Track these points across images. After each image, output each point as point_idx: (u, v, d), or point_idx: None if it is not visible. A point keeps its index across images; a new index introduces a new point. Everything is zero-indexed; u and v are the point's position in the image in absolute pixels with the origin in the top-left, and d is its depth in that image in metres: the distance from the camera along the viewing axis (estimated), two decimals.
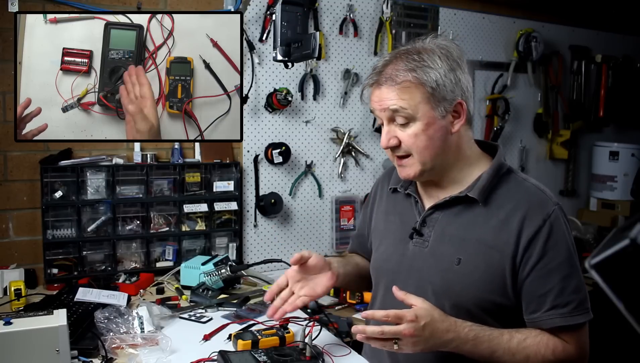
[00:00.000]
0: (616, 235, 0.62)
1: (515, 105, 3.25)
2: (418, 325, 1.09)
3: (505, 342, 1.15)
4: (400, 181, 1.37)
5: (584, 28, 3.50)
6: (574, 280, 1.16)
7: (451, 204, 1.26)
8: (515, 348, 1.15)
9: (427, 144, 1.21)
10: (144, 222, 2.24)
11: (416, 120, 1.20)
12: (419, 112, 1.19)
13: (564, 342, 1.17)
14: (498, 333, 1.16)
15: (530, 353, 1.15)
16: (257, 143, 2.52)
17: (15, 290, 1.81)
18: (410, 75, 1.19)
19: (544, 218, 1.17)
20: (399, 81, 1.20)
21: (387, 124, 1.24)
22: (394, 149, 1.24)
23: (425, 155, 1.22)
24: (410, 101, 1.19)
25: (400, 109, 1.19)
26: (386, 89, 1.21)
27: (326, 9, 2.63)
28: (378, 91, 1.23)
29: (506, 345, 1.15)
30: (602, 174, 3.51)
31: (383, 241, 1.39)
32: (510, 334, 1.16)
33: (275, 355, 1.33)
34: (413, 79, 1.19)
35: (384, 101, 1.21)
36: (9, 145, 2.06)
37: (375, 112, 1.26)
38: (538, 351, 1.15)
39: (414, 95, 1.19)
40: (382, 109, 1.22)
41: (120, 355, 1.44)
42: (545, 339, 1.16)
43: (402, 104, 1.19)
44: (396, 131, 1.23)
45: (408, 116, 1.20)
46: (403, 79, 1.19)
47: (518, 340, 1.16)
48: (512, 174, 1.27)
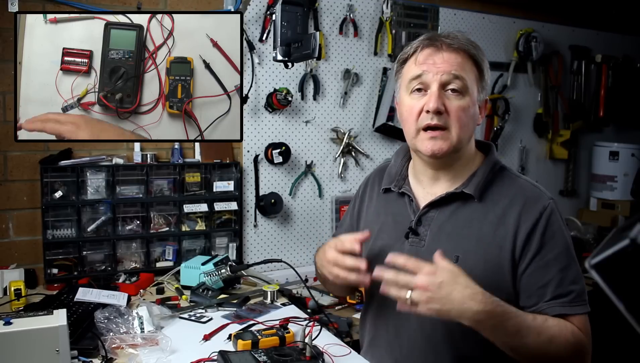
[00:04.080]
0: (616, 235, 0.62)
1: (515, 105, 3.26)
2: (435, 280, 1.04)
3: (530, 321, 1.11)
4: (393, 181, 1.36)
5: (584, 28, 3.51)
6: (572, 271, 1.17)
7: (447, 202, 1.25)
8: (540, 327, 1.11)
9: (467, 123, 1.21)
10: (144, 222, 2.24)
11: (468, 94, 1.20)
12: (472, 88, 1.20)
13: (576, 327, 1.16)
14: (523, 312, 1.13)
15: (555, 333, 1.12)
16: (257, 143, 2.52)
17: (15, 290, 1.81)
18: (473, 50, 1.21)
19: (540, 211, 1.18)
20: (465, 49, 1.20)
21: (437, 88, 1.19)
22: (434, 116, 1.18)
23: (461, 133, 1.20)
24: (470, 73, 1.20)
25: (461, 77, 1.18)
26: (451, 54, 1.19)
27: (326, 9, 2.63)
28: (438, 53, 1.19)
29: (532, 324, 1.11)
30: (602, 174, 3.51)
31: (376, 242, 1.36)
32: (532, 315, 1.14)
33: (275, 355, 1.32)
34: (475, 54, 1.21)
35: (445, 63, 1.18)
36: (9, 145, 2.06)
37: (425, 75, 1.20)
38: (561, 332, 1.13)
39: (472, 70, 1.21)
40: (440, 71, 1.18)
41: (120, 355, 1.44)
42: (563, 322, 1.15)
43: (463, 74, 1.19)
44: (444, 98, 1.19)
45: (463, 88, 1.19)
46: (470, 50, 1.20)
47: (542, 320, 1.13)
48: (506, 171, 1.28)
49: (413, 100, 1.22)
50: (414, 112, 1.21)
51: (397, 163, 1.39)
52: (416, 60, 1.22)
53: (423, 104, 1.19)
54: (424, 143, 1.21)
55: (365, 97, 2.78)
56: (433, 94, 1.18)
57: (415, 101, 1.21)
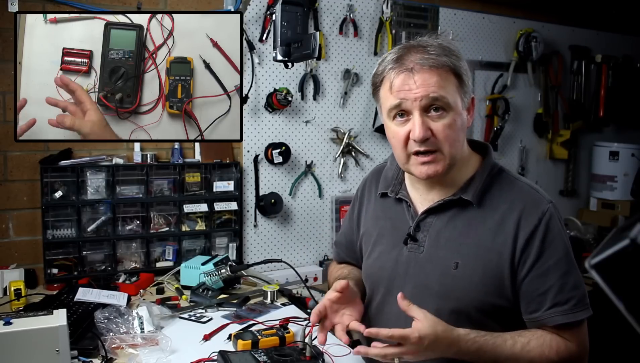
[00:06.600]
0: (616, 235, 0.62)
1: (515, 105, 3.26)
2: (422, 345, 1.07)
3: (508, 348, 1.13)
4: (389, 186, 1.33)
5: (584, 28, 3.51)
6: (572, 277, 1.16)
7: (445, 208, 1.23)
8: (519, 353, 1.13)
9: (456, 137, 1.16)
10: (144, 222, 2.24)
11: (451, 109, 1.13)
12: (454, 101, 1.14)
13: (566, 340, 1.16)
14: (501, 340, 1.14)
15: (535, 356, 1.14)
16: (257, 143, 2.52)
17: (15, 290, 1.81)
18: (447, 59, 1.13)
19: (539, 217, 1.16)
20: (439, 65, 1.11)
21: (419, 115, 1.12)
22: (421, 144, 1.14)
23: (453, 149, 1.16)
24: (449, 87, 1.13)
25: (440, 97, 1.11)
26: (425, 74, 1.11)
27: (326, 9, 2.63)
28: (411, 78, 1.12)
29: (510, 352, 1.13)
30: (602, 174, 3.51)
31: (375, 248, 1.34)
32: (513, 339, 1.15)
33: (275, 355, 1.32)
34: (451, 64, 1.12)
35: (421, 88, 1.11)
36: (9, 145, 2.06)
37: (404, 103, 1.14)
38: (542, 353, 1.14)
39: (450, 82, 1.13)
40: (418, 97, 1.11)
41: (120, 355, 1.44)
42: (548, 340, 1.15)
43: (442, 92, 1.11)
44: (428, 122, 1.13)
45: (446, 105, 1.12)
46: (444, 63, 1.12)
47: (522, 344, 1.14)
48: (504, 173, 1.25)
49: (397, 126, 1.17)
50: (401, 138, 1.17)
51: (393, 166, 1.36)
52: (391, 88, 1.15)
53: (408, 130, 1.15)
54: (417, 167, 1.18)
55: (365, 97, 2.78)
56: (416, 122, 1.12)
57: (399, 127, 1.17)
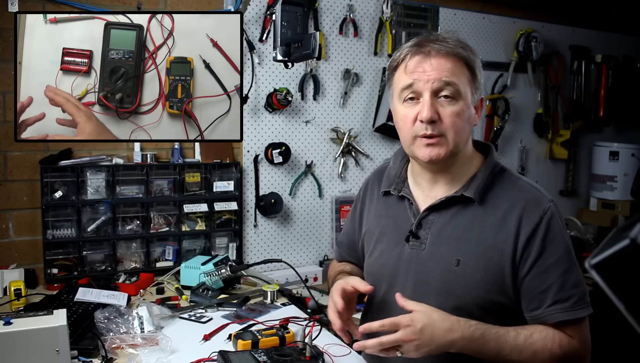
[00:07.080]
0: (616, 235, 0.62)
1: (515, 105, 3.26)
2: (415, 328, 1.08)
3: (512, 339, 1.14)
4: (392, 184, 1.35)
5: (584, 28, 3.51)
6: (573, 275, 1.17)
7: (447, 205, 1.25)
8: (522, 345, 1.14)
9: (462, 127, 1.19)
10: (144, 222, 2.24)
11: (461, 99, 1.18)
12: (465, 92, 1.19)
13: (569, 336, 1.17)
14: (504, 330, 1.15)
15: (538, 349, 1.14)
16: (257, 143, 2.52)
17: (15, 290, 1.81)
18: (463, 51, 1.18)
19: (540, 215, 1.18)
20: (455, 53, 1.17)
21: (429, 97, 1.17)
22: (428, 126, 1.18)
23: (457, 137, 1.19)
24: (462, 77, 1.18)
25: (452, 83, 1.16)
26: (441, 59, 1.17)
27: (326, 9, 2.63)
28: (427, 60, 1.18)
29: (513, 343, 1.14)
30: (602, 174, 3.51)
31: (377, 246, 1.36)
32: (516, 331, 1.15)
33: (275, 355, 1.33)
34: (466, 56, 1.18)
35: (435, 71, 1.17)
36: (9, 145, 2.06)
37: (416, 84, 1.18)
38: (545, 346, 1.15)
39: (463, 73, 1.19)
40: (430, 79, 1.17)
41: (120, 355, 1.44)
42: (551, 334, 1.16)
43: (454, 79, 1.17)
44: (437, 105, 1.18)
45: (456, 93, 1.17)
46: (460, 53, 1.18)
47: (525, 337, 1.15)
48: (506, 173, 1.27)
49: (406, 109, 1.21)
50: (409, 120, 1.20)
51: (396, 165, 1.39)
52: (406, 68, 1.20)
53: (417, 113, 1.19)
54: (421, 149, 1.21)
55: (365, 97, 2.78)
56: (425, 103, 1.17)
57: (408, 109, 1.21)
